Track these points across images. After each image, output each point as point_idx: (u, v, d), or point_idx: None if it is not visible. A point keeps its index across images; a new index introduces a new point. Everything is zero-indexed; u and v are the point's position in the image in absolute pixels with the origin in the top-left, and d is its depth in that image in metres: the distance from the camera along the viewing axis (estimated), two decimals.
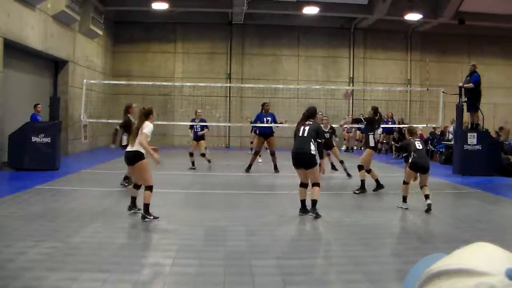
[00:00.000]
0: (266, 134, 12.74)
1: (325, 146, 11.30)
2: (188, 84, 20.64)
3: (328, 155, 12.20)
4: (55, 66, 16.69)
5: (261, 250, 5.56)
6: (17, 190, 9.03)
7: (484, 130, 14.37)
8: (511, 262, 0.57)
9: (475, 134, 13.47)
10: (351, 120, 12.74)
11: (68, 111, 16.44)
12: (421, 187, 8.02)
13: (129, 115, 9.80)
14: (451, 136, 16.33)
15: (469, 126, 14.25)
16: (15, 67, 13.63)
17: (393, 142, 19.46)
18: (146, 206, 6.70)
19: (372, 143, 9.44)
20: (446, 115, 17.12)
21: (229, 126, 21.95)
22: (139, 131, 6.84)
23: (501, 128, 17.54)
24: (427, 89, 18.56)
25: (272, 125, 12.98)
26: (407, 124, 21.00)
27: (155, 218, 6.75)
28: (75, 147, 17.19)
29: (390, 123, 20.17)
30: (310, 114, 7.43)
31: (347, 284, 4.49)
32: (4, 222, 6.52)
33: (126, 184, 9.32)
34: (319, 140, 7.17)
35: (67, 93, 16.61)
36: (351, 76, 23.48)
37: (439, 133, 18.72)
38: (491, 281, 0.54)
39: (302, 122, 7.39)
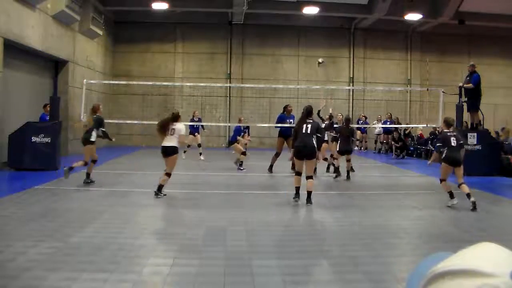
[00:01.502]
0: (287, 135, 12.92)
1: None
2: (188, 84, 20.64)
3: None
4: (55, 66, 16.68)
5: (261, 250, 5.55)
6: (17, 190, 9.02)
7: (484, 130, 14.37)
8: None
9: (475, 134, 13.47)
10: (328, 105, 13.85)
11: (68, 111, 16.43)
12: (459, 186, 8.29)
13: (98, 114, 10.49)
14: None
15: (469, 126, 14.24)
16: (15, 67, 13.61)
17: (392, 142, 19.46)
18: (161, 186, 8.73)
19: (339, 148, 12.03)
20: (446, 115, 17.10)
21: (229, 126, 21.95)
22: (173, 131, 8.76)
23: (502, 129, 17.54)
24: (427, 89, 18.56)
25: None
26: (406, 124, 21.11)
27: (164, 195, 8.71)
28: (75, 147, 17.19)
29: (388, 123, 20.16)
30: (309, 112, 8.58)
31: (347, 284, 4.49)
32: (4, 222, 6.51)
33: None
34: (319, 135, 8.53)
35: (67, 93, 16.60)
36: (351, 76, 23.48)
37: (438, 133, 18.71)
38: (495, 283, 0.54)
39: (303, 121, 8.49)
